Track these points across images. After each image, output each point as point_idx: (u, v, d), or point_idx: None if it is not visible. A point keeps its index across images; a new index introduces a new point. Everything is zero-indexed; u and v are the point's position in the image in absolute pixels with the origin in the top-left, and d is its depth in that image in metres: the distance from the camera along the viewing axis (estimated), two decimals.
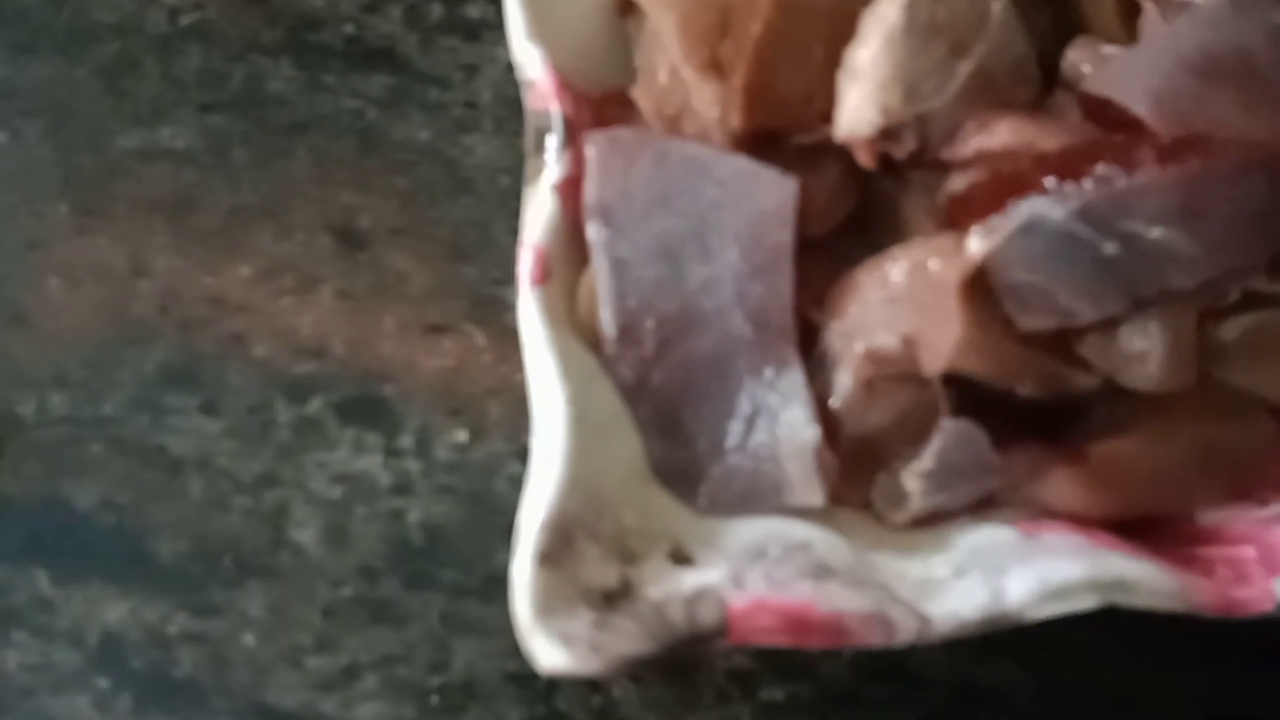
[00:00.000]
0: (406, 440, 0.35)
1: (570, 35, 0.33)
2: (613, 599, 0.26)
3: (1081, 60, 0.32)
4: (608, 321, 0.30)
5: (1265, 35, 0.30)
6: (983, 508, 0.31)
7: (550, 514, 0.26)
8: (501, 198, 0.38)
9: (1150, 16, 0.32)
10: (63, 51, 0.39)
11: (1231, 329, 0.30)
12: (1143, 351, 0.29)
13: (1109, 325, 0.29)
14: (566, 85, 0.31)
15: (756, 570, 0.27)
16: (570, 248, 0.31)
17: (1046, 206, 0.27)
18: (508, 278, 0.37)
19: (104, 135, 0.38)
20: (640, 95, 0.32)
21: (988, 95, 0.31)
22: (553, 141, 0.31)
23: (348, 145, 0.38)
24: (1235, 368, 0.30)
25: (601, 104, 0.34)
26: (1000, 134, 0.29)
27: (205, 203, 0.37)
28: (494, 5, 0.40)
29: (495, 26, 0.40)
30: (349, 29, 0.39)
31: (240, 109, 0.38)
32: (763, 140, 0.31)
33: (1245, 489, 0.31)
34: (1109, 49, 0.32)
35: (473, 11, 0.40)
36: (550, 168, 0.30)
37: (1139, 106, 0.29)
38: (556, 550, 0.26)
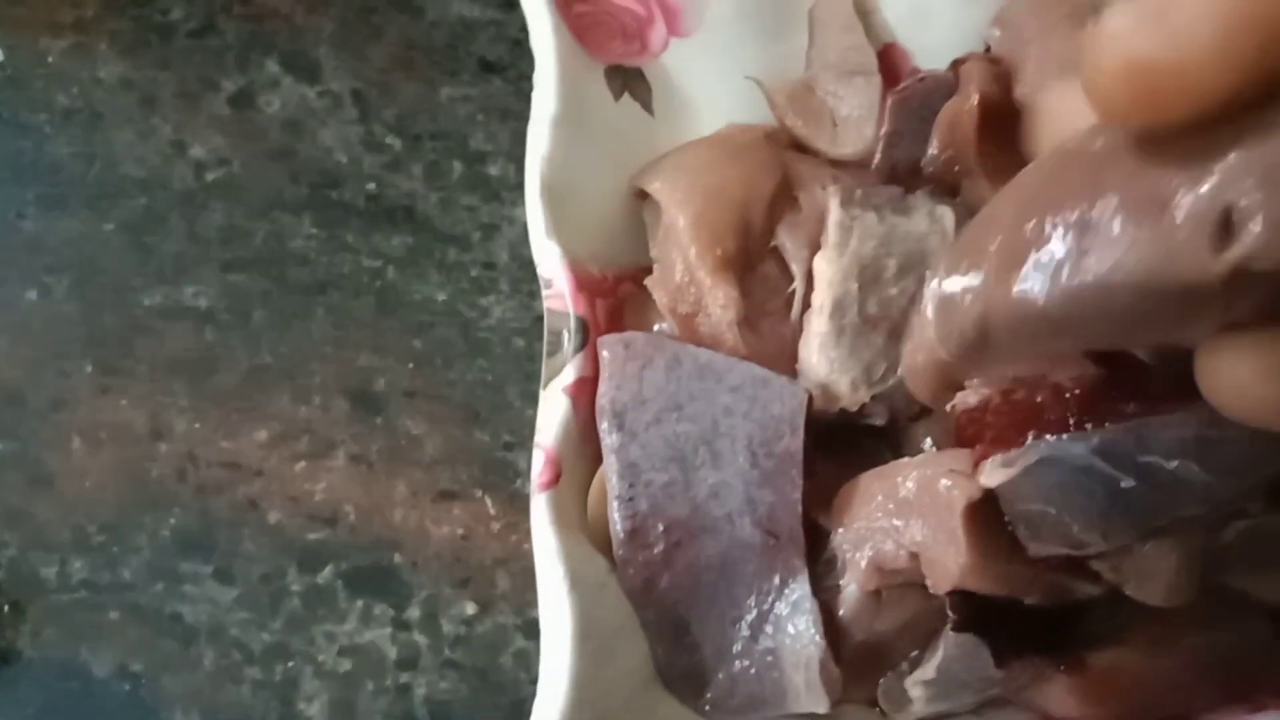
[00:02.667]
0: (415, 612, 0.34)
1: (589, 223, 0.32)
2: None
3: None
4: (617, 524, 0.29)
5: None
6: (985, 708, 0.30)
7: None
8: (516, 360, 0.37)
9: None
10: (91, 206, 0.38)
11: (1228, 535, 0.29)
12: (1152, 572, 0.28)
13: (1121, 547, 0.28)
14: (583, 284, 0.31)
15: None
16: (583, 444, 0.30)
17: (1068, 443, 0.26)
18: (519, 442, 0.36)
19: (128, 292, 0.37)
20: (655, 288, 0.32)
21: None
22: (569, 344, 0.30)
23: (366, 305, 0.38)
24: (1232, 571, 0.30)
25: (616, 282, 0.33)
26: None
27: (225, 363, 0.37)
28: (514, 163, 0.40)
29: (514, 186, 0.40)
30: (371, 187, 0.39)
31: (262, 267, 0.38)
32: None
33: (1241, 692, 0.31)
34: None
35: (493, 169, 0.40)
36: (566, 369, 0.30)
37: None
38: None
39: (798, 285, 0.31)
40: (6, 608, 0.34)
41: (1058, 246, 0.22)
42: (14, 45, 0.40)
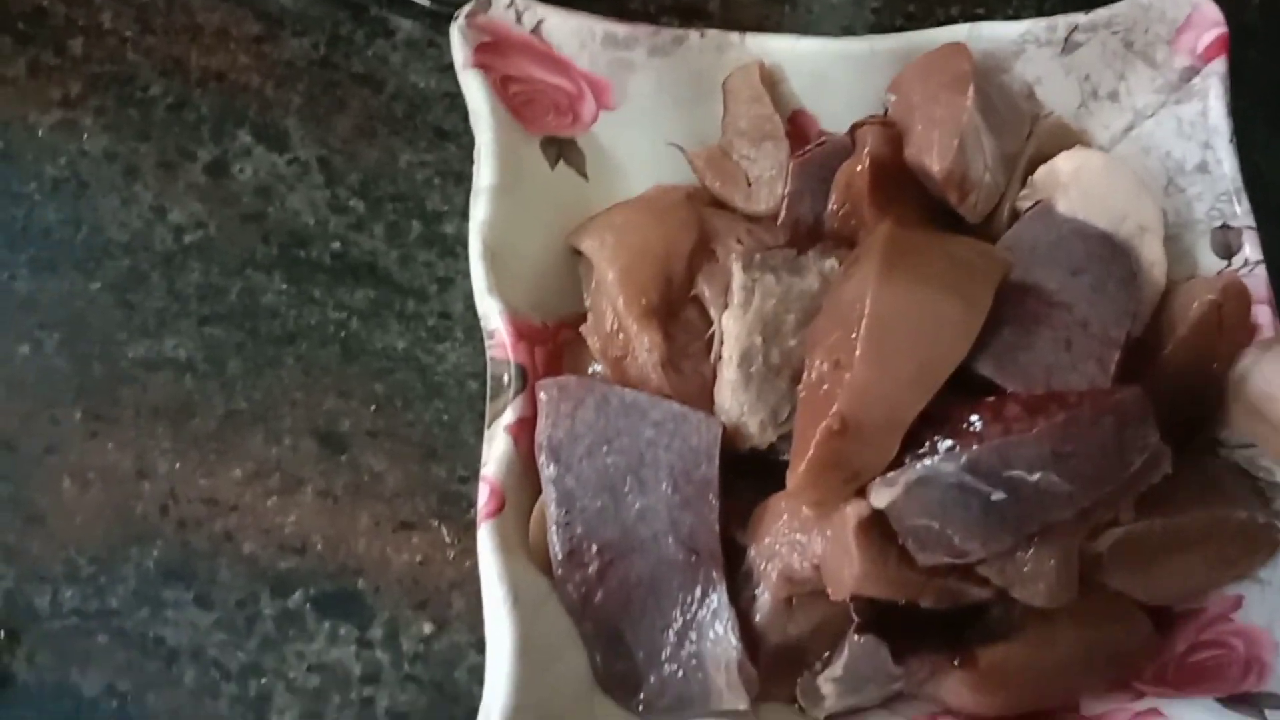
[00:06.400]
0: (377, 632, 0.37)
1: (529, 279, 0.35)
2: None
3: None
4: (555, 546, 0.32)
5: (1069, 272, 0.33)
6: (893, 701, 0.33)
7: None
8: (470, 401, 0.40)
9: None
10: (79, 268, 0.41)
11: (1104, 541, 0.32)
12: (1034, 574, 0.31)
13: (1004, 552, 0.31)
14: (523, 334, 0.34)
15: None
16: (525, 478, 0.33)
17: (939, 462, 0.29)
18: (472, 475, 0.39)
19: (114, 345, 0.40)
20: (589, 335, 0.35)
21: None
22: (509, 388, 0.33)
23: (332, 354, 0.40)
24: (1110, 574, 0.33)
25: (557, 330, 0.36)
26: None
27: (203, 409, 0.39)
28: (467, 221, 0.43)
29: (467, 242, 0.43)
30: (336, 245, 0.42)
31: (236, 321, 0.40)
32: None
33: (1124, 681, 0.34)
34: None
35: (448, 228, 0.42)
36: (507, 410, 0.33)
37: (991, 374, 0.31)
38: None
39: (716, 329, 0.34)
40: (3, 635, 0.36)
41: None
42: (6, 120, 0.43)
